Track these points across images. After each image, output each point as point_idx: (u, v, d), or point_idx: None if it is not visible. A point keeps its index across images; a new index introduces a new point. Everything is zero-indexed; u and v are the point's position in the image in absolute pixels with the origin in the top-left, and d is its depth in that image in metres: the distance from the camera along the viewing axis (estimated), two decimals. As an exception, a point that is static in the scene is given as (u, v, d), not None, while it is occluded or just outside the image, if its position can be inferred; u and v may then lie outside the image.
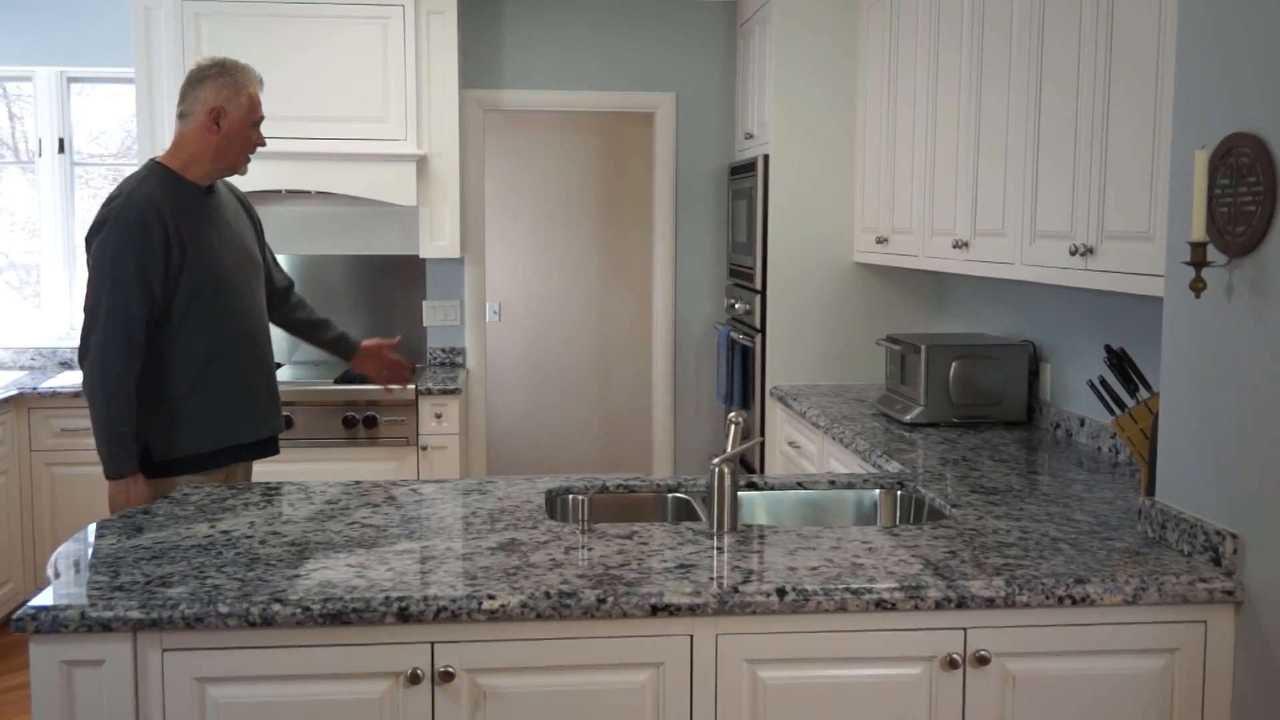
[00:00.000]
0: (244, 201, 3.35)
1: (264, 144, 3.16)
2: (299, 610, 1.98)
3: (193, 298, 2.99)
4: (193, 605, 1.97)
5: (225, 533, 2.43)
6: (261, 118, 3.14)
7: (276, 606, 1.98)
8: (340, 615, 1.98)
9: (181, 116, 3.09)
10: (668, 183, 5.81)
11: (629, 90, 5.75)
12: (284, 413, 3.06)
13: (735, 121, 5.75)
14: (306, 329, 3.50)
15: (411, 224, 5.52)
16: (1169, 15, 2.48)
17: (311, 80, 4.98)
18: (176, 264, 2.96)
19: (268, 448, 3.26)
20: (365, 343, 3.55)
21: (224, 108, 3.06)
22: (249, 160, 3.16)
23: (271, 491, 2.80)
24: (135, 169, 3.22)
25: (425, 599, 2.01)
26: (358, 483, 2.91)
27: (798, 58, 4.87)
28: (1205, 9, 2.19)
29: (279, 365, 5.41)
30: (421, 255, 5.26)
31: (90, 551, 2.32)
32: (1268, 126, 2.01)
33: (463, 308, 5.69)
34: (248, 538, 2.39)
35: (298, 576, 2.12)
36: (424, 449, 4.90)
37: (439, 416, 4.92)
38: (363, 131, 4.98)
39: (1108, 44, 2.79)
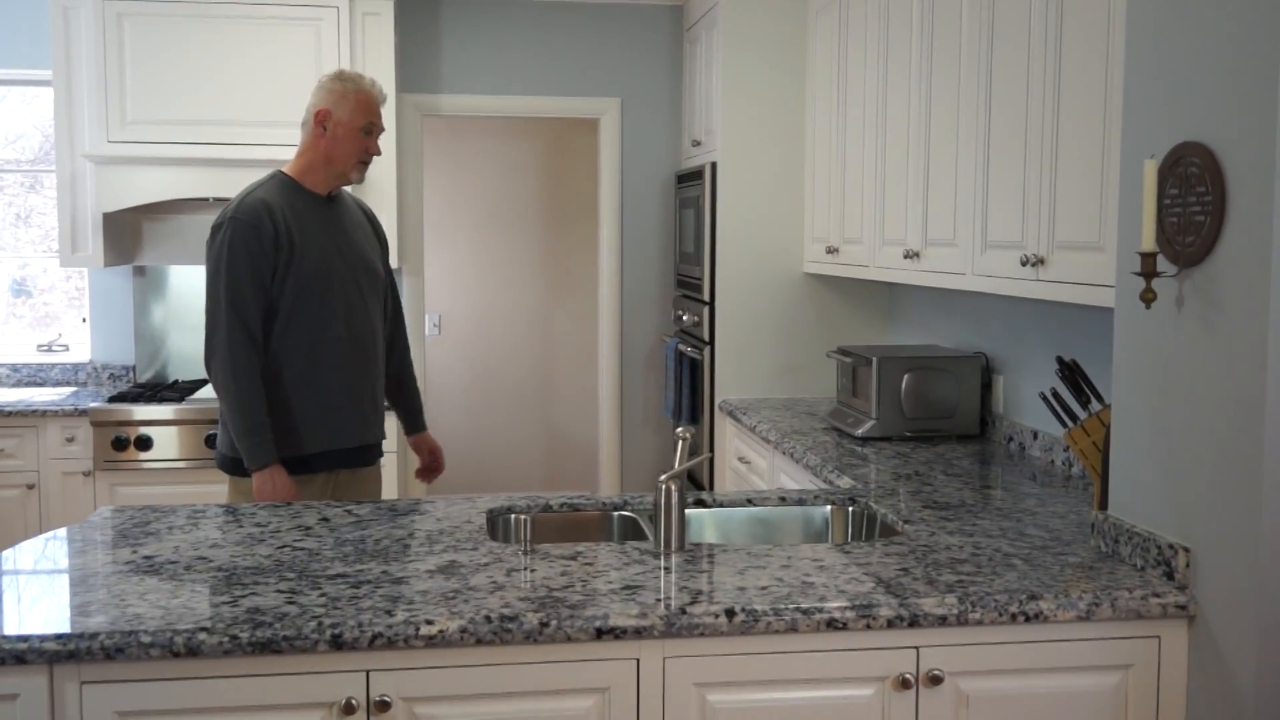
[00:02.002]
0: (373, 220, 3.46)
1: (378, 152, 3.25)
2: (226, 639, 1.95)
3: (299, 296, 3.12)
4: (113, 635, 1.94)
5: (148, 558, 2.39)
6: (373, 124, 3.22)
7: (202, 635, 1.95)
8: (270, 643, 1.96)
9: (301, 126, 3.25)
10: (613, 191, 5.83)
11: (573, 95, 5.76)
12: (271, 436, 3.12)
13: (682, 128, 5.79)
14: (389, 377, 3.51)
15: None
16: (1117, 25, 2.53)
17: (240, 83, 4.93)
18: (284, 261, 3.11)
19: (369, 455, 3.33)
20: (426, 436, 3.64)
21: (330, 110, 3.19)
22: (363, 167, 3.25)
23: (197, 514, 2.77)
24: (53, 174, 3.31)
25: (359, 625, 1.99)
26: (288, 504, 2.88)
27: (745, 63, 4.91)
28: (1153, 19, 2.24)
29: (205, 381, 5.35)
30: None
31: (2, 579, 2.28)
32: (1216, 136, 2.06)
33: (400, 320, 5.66)
34: (172, 563, 2.35)
35: (225, 603, 2.09)
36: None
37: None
38: (294, 137, 4.86)
39: (1057, 53, 2.84)
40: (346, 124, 3.18)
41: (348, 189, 3.49)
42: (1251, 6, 1.97)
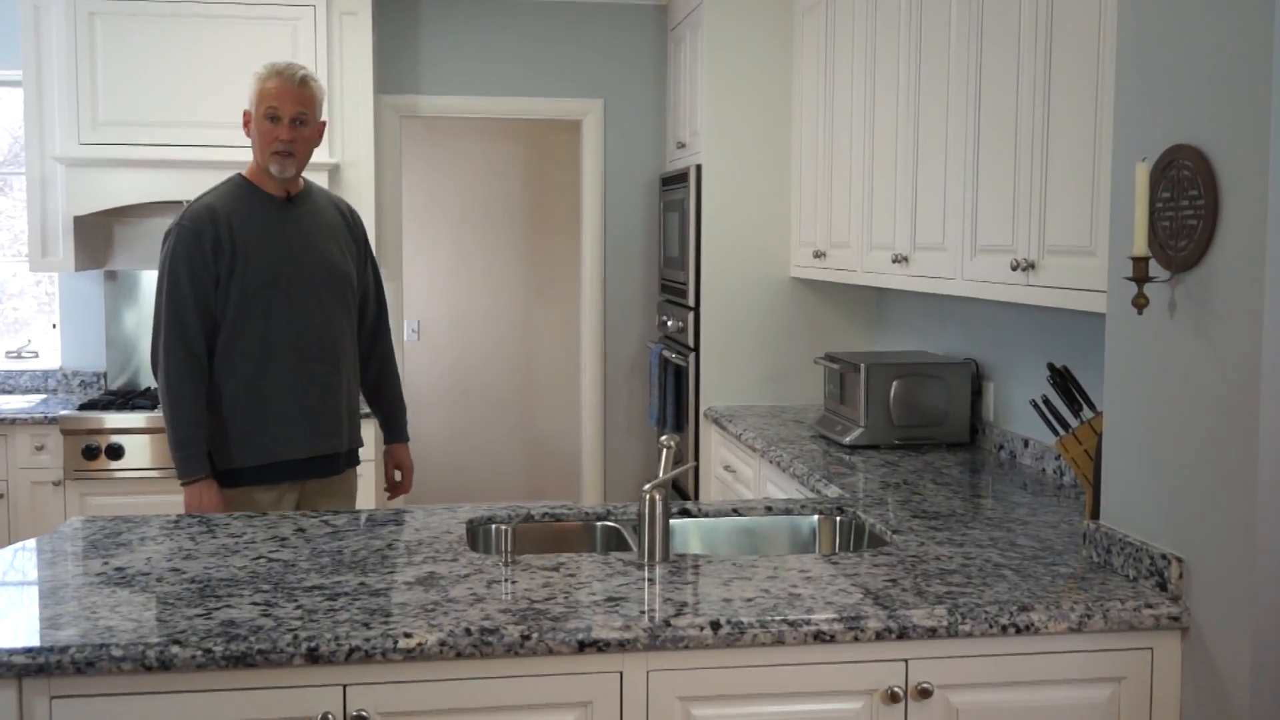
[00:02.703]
0: (350, 219, 3.42)
1: (287, 138, 3.15)
2: (200, 652, 1.94)
3: (243, 305, 3.11)
4: (84, 648, 1.93)
5: (120, 569, 2.38)
6: (272, 108, 3.14)
7: (175, 649, 1.94)
8: (244, 657, 1.95)
9: None
10: (596, 194, 5.82)
11: (555, 96, 5.76)
12: (205, 450, 3.11)
13: (666, 130, 5.79)
14: (367, 383, 3.51)
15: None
16: (1108, 27, 2.54)
17: (215, 84, 4.91)
18: (227, 269, 3.10)
19: (332, 465, 3.28)
20: (400, 450, 3.59)
21: (248, 109, 3.20)
22: (281, 158, 3.16)
23: (170, 525, 2.75)
24: (22, 176, 3.35)
25: (336, 638, 1.98)
26: (264, 514, 2.87)
27: (731, 64, 4.92)
28: (1144, 20, 2.25)
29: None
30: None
31: (-30, 592, 2.26)
32: (1208, 138, 2.07)
33: (378, 326, 5.65)
34: (144, 575, 2.34)
35: (198, 616, 2.08)
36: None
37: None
38: (270, 139, 4.92)
39: (1047, 54, 2.85)
40: (256, 116, 3.17)
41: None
42: (1243, 8, 1.98)
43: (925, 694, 2.13)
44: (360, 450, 3.43)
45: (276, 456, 3.17)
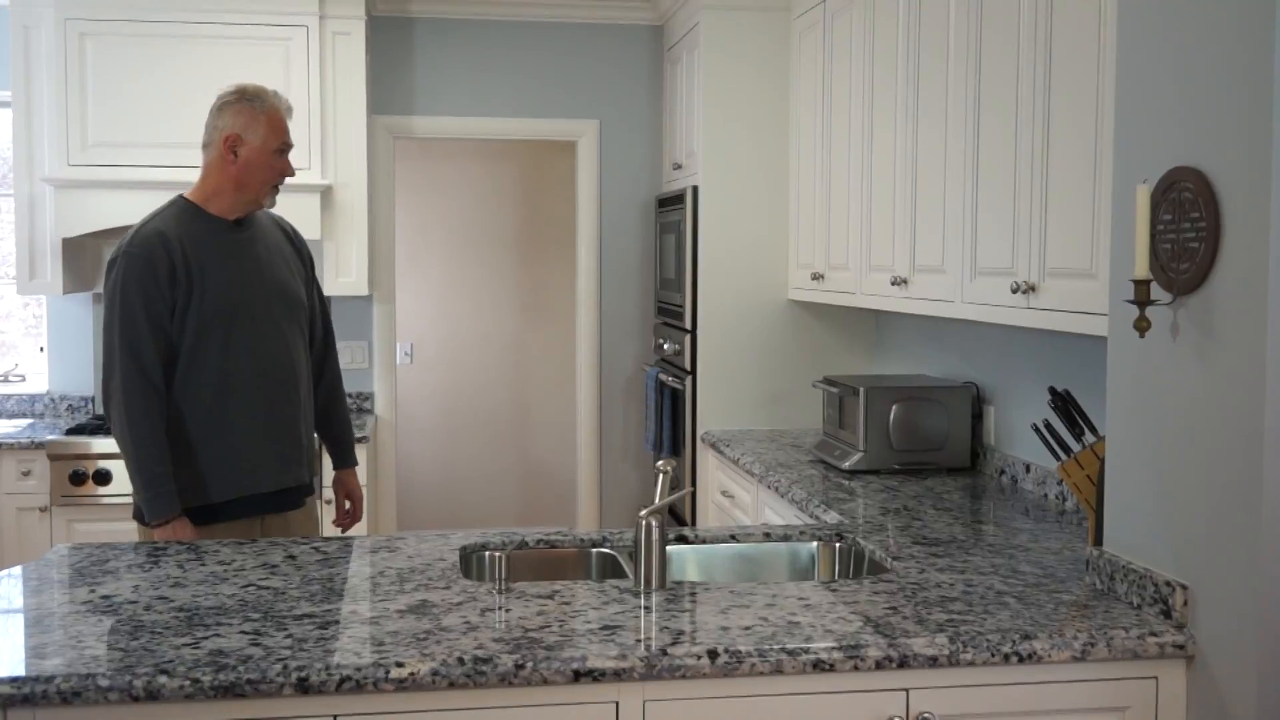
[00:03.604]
0: (294, 238, 3.35)
1: (291, 173, 3.15)
2: (188, 682, 1.93)
3: (201, 334, 3.02)
4: (69, 678, 1.92)
5: (106, 598, 2.37)
6: (286, 144, 3.13)
7: (163, 679, 1.93)
8: (233, 687, 1.94)
9: (204, 148, 3.14)
10: (591, 215, 5.84)
11: (550, 117, 5.78)
12: (174, 487, 3.00)
13: (663, 151, 5.81)
14: (316, 406, 3.39)
15: (315, 259, 5.47)
16: (1108, 46, 2.56)
17: (206, 105, 4.89)
18: (183, 298, 3.00)
19: (292, 499, 3.19)
20: (349, 476, 3.50)
21: (240, 135, 3.08)
22: (275, 191, 3.15)
23: (158, 552, 2.74)
24: (10, 198, 3.23)
25: (327, 668, 1.97)
26: (253, 540, 2.86)
27: (728, 85, 4.94)
28: (1144, 41, 2.26)
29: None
30: (326, 293, 5.20)
31: (-46, 621, 2.25)
32: (1210, 160, 2.08)
33: (371, 349, 5.65)
34: (131, 603, 2.33)
35: (186, 645, 2.07)
36: (327, 502, 4.82)
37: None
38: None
39: (1046, 76, 2.87)
40: (259, 149, 3.07)
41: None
42: (1244, 29, 1.99)
43: (926, 724, 2.13)
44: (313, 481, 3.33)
45: (243, 490, 3.07)
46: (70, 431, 4.83)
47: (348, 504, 3.50)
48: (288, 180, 3.19)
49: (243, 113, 3.09)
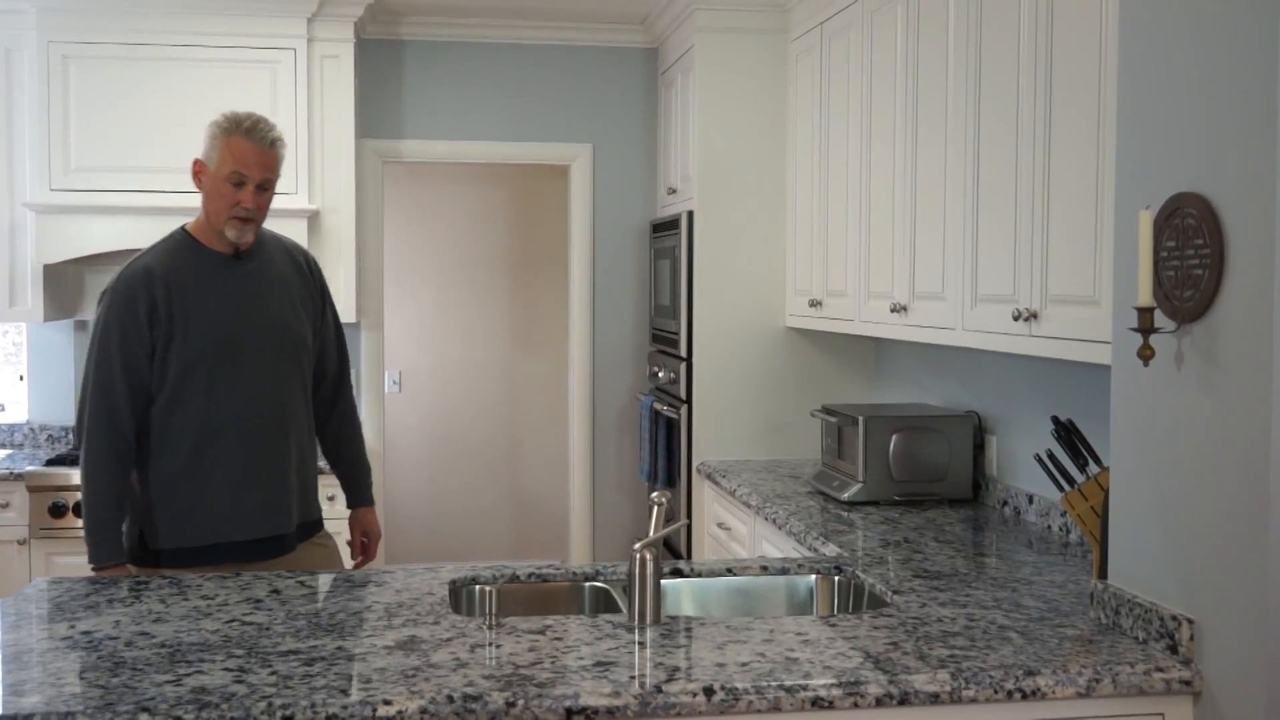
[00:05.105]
0: (306, 269, 3.26)
1: (251, 206, 3.01)
2: (169, 721, 1.93)
3: (185, 375, 2.98)
4: (48, 716, 1.91)
5: (86, 633, 2.36)
6: (242, 175, 2.98)
7: (144, 717, 1.92)
8: (216, 726, 1.94)
9: None
10: (584, 241, 5.85)
11: (542, 141, 5.80)
12: (119, 535, 3.00)
13: (657, 175, 5.83)
14: (326, 443, 3.36)
15: (302, 286, 5.48)
16: (1109, 71, 2.58)
17: (191, 129, 4.83)
18: (164, 338, 2.97)
19: (269, 549, 3.09)
20: (366, 515, 3.45)
21: (203, 161, 3.03)
22: (240, 224, 3.01)
23: (139, 586, 2.74)
24: None
25: (313, 705, 1.97)
26: (237, 574, 2.85)
27: (723, 108, 4.97)
28: (1146, 66, 2.28)
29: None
30: (313, 320, 5.22)
31: (-71, 658, 2.24)
32: (1213, 186, 2.09)
33: (358, 377, 5.65)
34: (112, 639, 2.32)
35: (169, 682, 2.06)
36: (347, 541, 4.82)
37: (330, 498, 4.85)
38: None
39: (1047, 100, 2.89)
40: (213, 175, 2.99)
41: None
42: (1247, 54, 2.01)
43: (928, 763, 2.12)
44: (321, 519, 3.30)
45: (215, 538, 3.02)
46: (50, 462, 4.83)
47: (364, 541, 3.44)
48: (275, 205, 3.15)
49: (209, 136, 3.03)
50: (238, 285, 3.08)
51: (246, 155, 2.99)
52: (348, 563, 3.45)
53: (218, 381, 3.01)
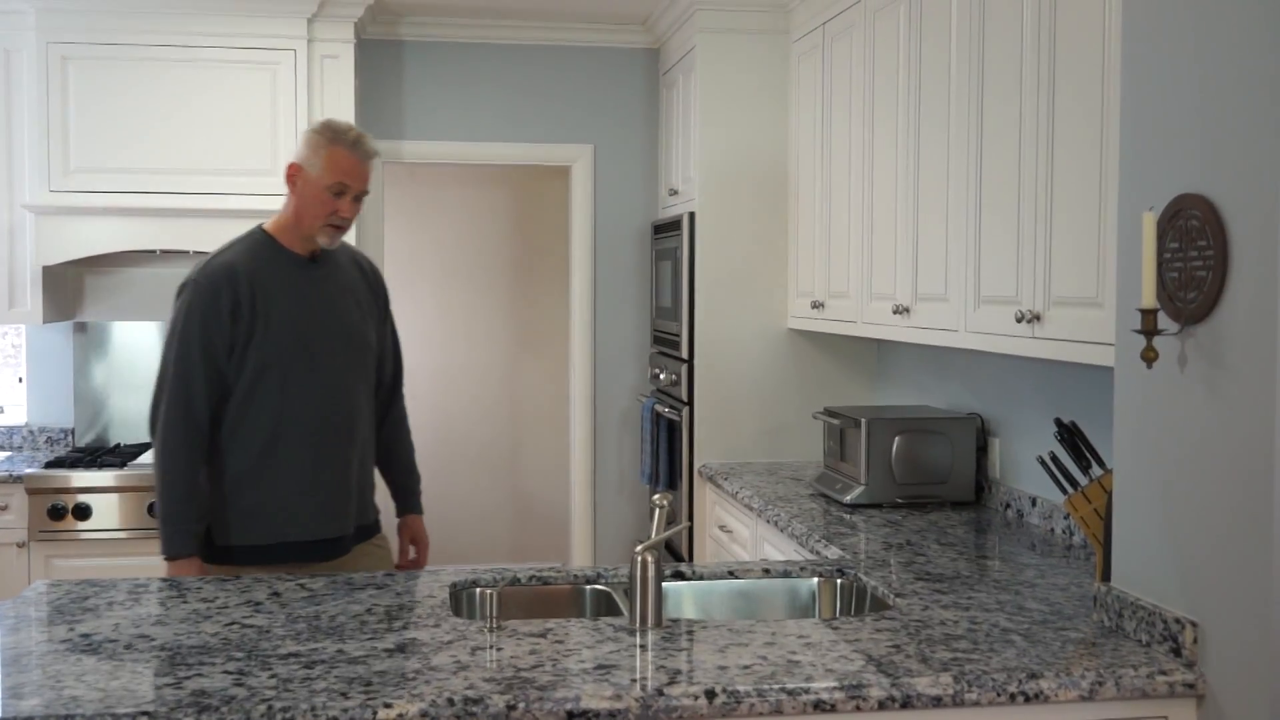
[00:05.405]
0: (372, 278, 3.34)
1: (349, 216, 3.10)
2: (169, 724, 1.93)
3: (261, 374, 3.03)
4: (48, 719, 1.92)
5: (86, 636, 2.36)
6: (345, 185, 3.06)
7: (143, 720, 1.93)
8: (216, 729, 1.94)
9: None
10: (585, 242, 5.86)
11: (543, 142, 5.80)
12: (193, 527, 3.04)
13: (658, 176, 5.83)
14: (378, 449, 3.39)
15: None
16: (1112, 72, 2.58)
17: (191, 129, 4.96)
18: (244, 335, 3.01)
19: (326, 550, 3.12)
20: (415, 522, 3.47)
21: (302, 166, 3.08)
22: (332, 230, 3.10)
23: (139, 589, 2.74)
24: None
25: (313, 709, 1.97)
26: (237, 577, 2.86)
27: (725, 108, 4.97)
28: (1149, 67, 2.28)
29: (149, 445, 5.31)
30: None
31: (-72, 661, 2.24)
32: (1217, 187, 2.09)
33: (359, 380, 5.65)
34: (111, 642, 2.32)
35: (168, 685, 2.07)
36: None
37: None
38: (248, 186, 4.95)
39: (1050, 100, 2.89)
40: (314, 182, 3.06)
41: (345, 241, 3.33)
42: (1252, 54, 2.01)
43: (931, 766, 2.12)
44: (378, 521, 3.32)
45: (279, 538, 3.06)
46: (49, 465, 4.83)
47: (412, 550, 3.46)
48: (275, 206, 3.18)
49: (310, 143, 3.09)
50: (313, 288, 3.14)
51: (351, 167, 3.08)
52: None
53: (292, 381, 3.06)
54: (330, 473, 3.13)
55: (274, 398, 3.05)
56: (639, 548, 2.43)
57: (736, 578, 2.94)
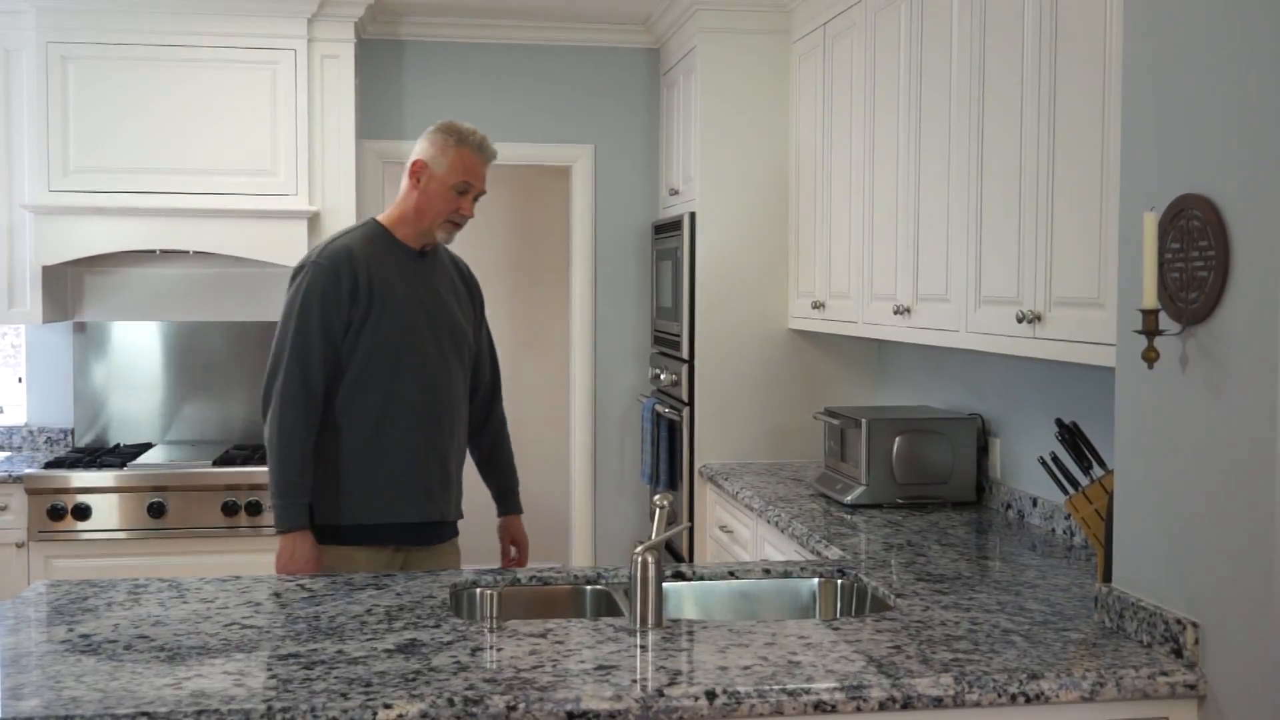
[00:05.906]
0: (468, 279, 3.43)
1: (469, 214, 3.20)
2: (169, 725, 1.93)
3: (373, 355, 3.09)
4: (46, 721, 1.92)
5: (85, 636, 2.36)
6: (469, 184, 3.17)
7: (143, 721, 1.93)
8: (216, 729, 1.94)
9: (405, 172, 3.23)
10: (586, 242, 5.86)
11: (543, 142, 5.80)
12: (307, 501, 3.10)
13: (659, 176, 5.83)
14: (480, 450, 3.49)
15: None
16: (1114, 72, 2.58)
17: (191, 129, 4.96)
18: (361, 317, 3.09)
19: (431, 534, 3.22)
20: (515, 523, 3.53)
21: (426, 163, 3.17)
22: (451, 227, 3.20)
23: (139, 589, 2.74)
24: None
25: (313, 710, 1.97)
26: (237, 577, 2.86)
27: (725, 108, 4.97)
28: (1151, 67, 2.28)
29: (148, 446, 5.32)
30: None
31: (-72, 661, 2.24)
32: (1218, 187, 2.10)
33: (359, 380, 5.65)
34: (111, 642, 2.33)
35: (168, 686, 2.07)
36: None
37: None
38: (248, 186, 4.96)
39: (1051, 100, 2.89)
40: (440, 179, 3.15)
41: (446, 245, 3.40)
42: (1254, 54, 2.01)
43: (931, 767, 2.12)
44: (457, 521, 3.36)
45: (386, 518, 3.12)
46: (49, 465, 4.83)
47: (513, 550, 3.51)
48: (275, 206, 3.21)
49: (435, 143, 3.18)
50: (422, 280, 3.22)
51: (476, 168, 3.20)
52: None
53: (402, 366, 3.13)
54: (433, 456, 3.19)
55: (385, 379, 3.11)
56: (639, 548, 2.44)
57: (737, 578, 2.94)
